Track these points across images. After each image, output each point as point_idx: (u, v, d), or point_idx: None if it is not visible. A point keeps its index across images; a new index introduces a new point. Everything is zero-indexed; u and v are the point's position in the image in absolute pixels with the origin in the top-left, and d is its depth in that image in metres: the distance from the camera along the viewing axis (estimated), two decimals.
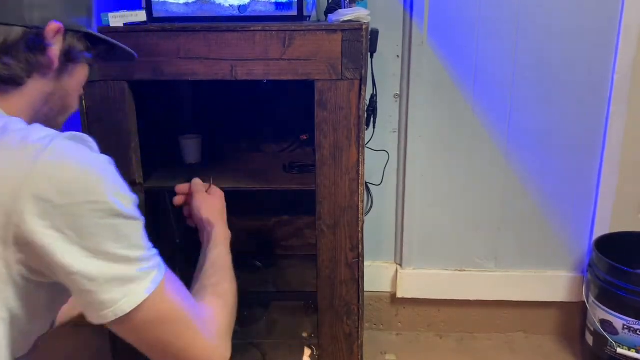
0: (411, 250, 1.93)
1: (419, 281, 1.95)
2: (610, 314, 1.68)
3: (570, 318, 1.95)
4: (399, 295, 1.97)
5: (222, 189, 1.22)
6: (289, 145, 1.72)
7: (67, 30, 0.83)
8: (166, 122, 1.66)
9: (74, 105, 0.91)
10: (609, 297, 1.68)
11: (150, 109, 1.45)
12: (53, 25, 0.81)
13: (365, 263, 1.44)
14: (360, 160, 1.29)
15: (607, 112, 1.74)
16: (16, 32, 0.78)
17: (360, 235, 1.34)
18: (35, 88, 0.83)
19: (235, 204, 1.86)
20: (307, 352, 1.67)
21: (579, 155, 1.79)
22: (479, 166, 1.83)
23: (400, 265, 1.96)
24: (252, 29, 1.21)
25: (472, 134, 1.80)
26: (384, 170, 1.84)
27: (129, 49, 0.94)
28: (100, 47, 0.90)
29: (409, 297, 1.97)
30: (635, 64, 1.69)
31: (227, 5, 1.32)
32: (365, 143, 1.38)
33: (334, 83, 1.24)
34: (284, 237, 1.88)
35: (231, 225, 1.18)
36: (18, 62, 0.79)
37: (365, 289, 1.44)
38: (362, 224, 1.34)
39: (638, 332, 1.64)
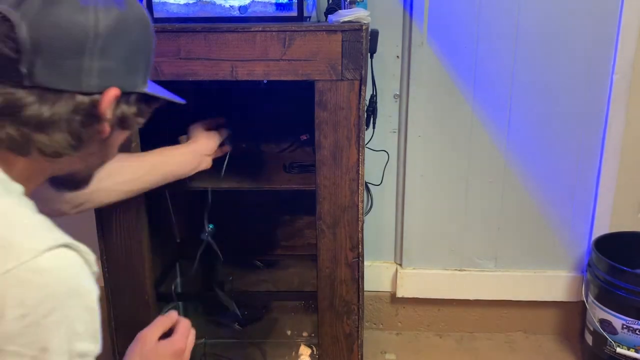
0: (411, 250, 1.93)
1: (419, 281, 1.95)
2: (610, 313, 1.68)
3: (569, 318, 1.95)
4: (399, 295, 1.97)
5: (222, 189, 1.23)
6: (289, 145, 1.72)
7: (124, 93, 0.74)
8: (166, 122, 1.66)
9: (113, 157, 0.83)
10: (609, 297, 1.69)
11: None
12: (110, 94, 0.72)
13: (365, 263, 1.45)
14: (360, 160, 1.29)
15: (607, 112, 1.74)
16: (69, 100, 0.70)
17: (360, 235, 1.35)
18: (76, 156, 0.74)
19: (236, 204, 1.87)
20: (307, 351, 1.67)
21: (579, 155, 1.79)
22: (478, 166, 1.83)
23: (400, 265, 1.96)
24: (252, 29, 1.21)
25: (472, 134, 1.80)
26: (384, 170, 1.85)
27: (179, 99, 0.86)
28: (152, 100, 0.81)
29: (409, 296, 1.97)
30: (635, 63, 1.69)
31: (227, 5, 1.32)
32: (365, 143, 1.38)
33: (334, 83, 1.24)
34: (284, 237, 1.88)
35: (231, 225, 1.18)
36: (67, 136, 0.70)
37: (365, 289, 1.45)
38: (362, 224, 1.34)
39: (637, 332, 1.64)
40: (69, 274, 0.65)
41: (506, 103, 1.76)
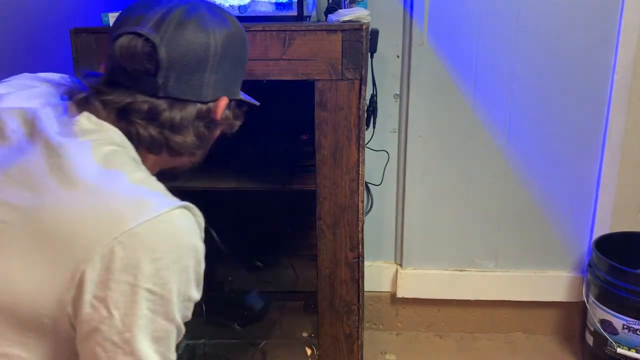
0: (411, 250, 1.93)
1: (419, 281, 1.95)
2: (610, 313, 1.68)
3: (570, 318, 1.95)
4: (399, 295, 1.97)
5: (222, 189, 1.23)
6: (288, 145, 1.72)
7: (230, 101, 0.89)
8: None
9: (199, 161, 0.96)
10: (609, 297, 1.68)
11: None
12: (223, 101, 0.87)
13: (365, 263, 1.45)
14: (360, 160, 1.29)
15: (607, 112, 1.74)
16: (193, 108, 0.84)
17: (360, 235, 1.34)
18: (185, 156, 0.89)
19: (236, 204, 1.87)
20: (307, 352, 1.67)
21: (579, 155, 1.79)
22: (479, 166, 1.83)
23: (400, 265, 1.96)
24: (252, 29, 1.21)
25: (472, 134, 1.80)
26: (384, 170, 1.84)
27: (255, 102, 0.99)
28: (243, 105, 0.95)
29: (409, 297, 1.97)
30: (636, 64, 1.69)
31: (227, 5, 1.32)
32: (365, 143, 1.38)
33: (334, 83, 1.24)
34: (284, 237, 1.88)
35: (232, 225, 1.18)
36: (194, 138, 0.85)
37: (365, 289, 1.44)
38: (362, 224, 1.34)
39: (638, 332, 1.64)
40: (190, 230, 0.76)
41: (506, 103, 1.76)
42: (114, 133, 0.80)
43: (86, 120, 0.80)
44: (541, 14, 1.67)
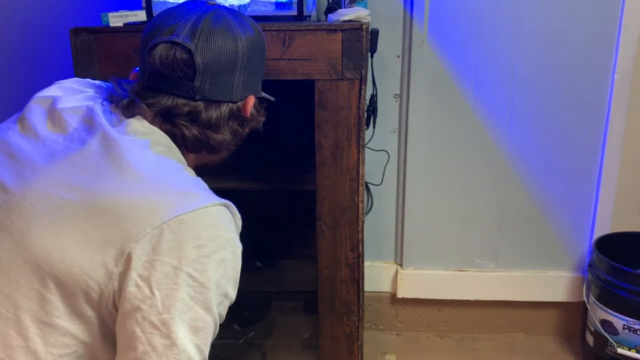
0: (411, 250, 1.93)
1: (419, 281, 1.95)
2: (611, 314, 1.68)
3: (570, 318, 1.95)
4: (399, 295, 1.97)
5: (222, 189, 1.22)
6: (289, 145, 1.72)
7: (255, 98, 0.96)
8: None
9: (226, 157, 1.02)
10: (610, 297, 1.68)
11: None
12: (250, 100, 0.94)
13: (365, 263, 1.44)
14: (360, 160, 1.29)
15: (608, 112, 1.74)
16: (225, 108, 0.91)
17: (360, 235, 1.34)
18: (220, 154, 0.97)
19: (236, 204, 1.87)
20: (308, 352, 1.67)
21: (579, 155, 1.79)
22: (479, 166, 1.83)
23: (401, 265, 1.96)
24: None
25: (472, 134, 1.80)
26: (384, 170, 1.84)
27: (272, 98, 1.04)
28: (263, 102, 1.01)
29: (409, 297, 1.97)
30: (636, 64, 1.68)
31: (227, 5, 1.32)
32: (365, 143, 1.38)
33: (334, 83, 1.24)
34: (284, 237, 1.87)
35: None
36: (230, 135, 0.92)
37: (365, 289, 1.44)
38: (362, 224, 1.34)
39: (638, 332, 1.64)
40: (230, 227, 0.81)
41: (506, 103, 1.76)
42: (162, 137, 0.88)
43: (138, 123, 0.86)
44: (541, 14, 1.67)
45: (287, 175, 1.51)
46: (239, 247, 0.81)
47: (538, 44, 1.70)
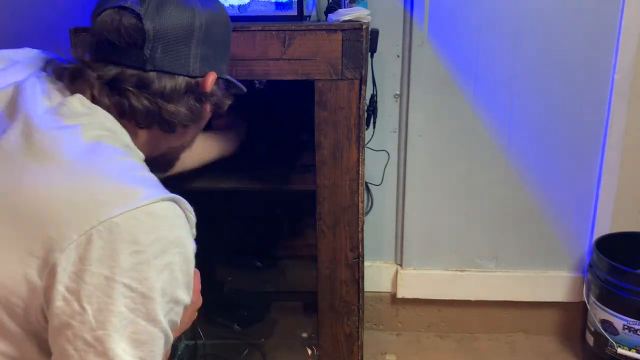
0: (411, 250, 1.93)
1: (419, 281, 1.95)
2: (611, 314, 1.68)
3: (570, 318, 1.95)
4: (399, 295, 1.97)
5: (222, 189, 1.23)
6: (288, 145, 1.72)
7: (218, 78, 0.89)
8: None
9: (191, 145, 0.97)
10: (610, 297, 1.68)
11: None
12: (211, 76, 0.87)
13: (366, 263, 1.44)
14: (360, 160, 1.28)
15: (608, 112, 1.74)
16: (181, 81, 0.84)
17: (360, 235, 1.34)
18: (183, 132, 0.89)
19: (236, 204, 1.87)
20: (307, 352, 1.67)
21: (579, 155, 1.79)
22: (479, 166, 1.82)
23: (401, 265, 1.96)
24: (252, 28, 1.21)
25: (472, 134, 1.79)
26: (384, 170, 1.84)
27: (243, 87, 0.99)
28: (231, 87, 0.96)
29: (409, 297, 1.97)
30: (636, 63, 1.68)
31: (227, 5, 1.32)
32: (365, 143, 1.38)
33: (334, 83, 1.23)
34: (284, 237, 1.87)
35: (232, 225, 1.18)
36: (185, 110, 0.85)
37: (365, 289, 1.44)
38: (362, 224, 1.34)
39: (638, 332, 1.64)
40: (176, 224, 0.72)
41: (506, 103, 1.76)
42: (104, 118, 0.79)
43: (78, 102, 0.78)
44: (541, 14, 1.67)
45: (287, 175, 1.51)
46: (189, 247, 0.73)
47: (538, 44, 1.70)
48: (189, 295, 0.74)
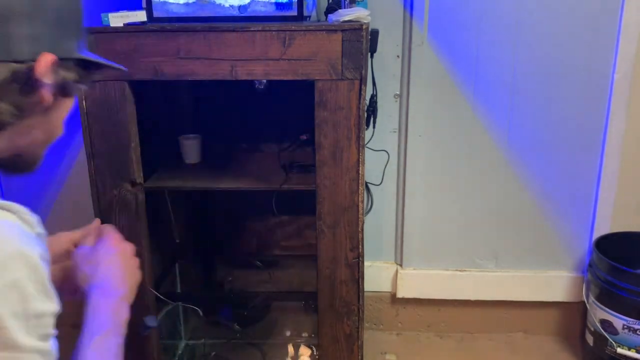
0: (411, 250, 1.93)
1: (419, 281, 1.95)
2: (611, 314, 1.68)
3: (570, 318, 1.95)
4: (399, 295, 1.97)
5: (222, 189, 1.22)
6: (289, 145, 1.72)
7: (60, 59, 0.73)
8: (166, 122, 1.66)
9: (59, 133, 0.81)
10: (609, 297, 1.68)
11: (150, 109, 1.45)
12: (45, 58, 0.71)
13: (365, 263, 1.44)
14: (360, 160, 1.29)
15: (607, 112, 1.74)
16: (4, 69, 0.68)
17: (360, 235, 1.34)
18: (20, 127, 0.73)
19: (236, 204, 1.87)
20: (307, 352, 1.67)
21: (579, 155, 1.79)
22: (479, 166, 1.83)
23: (401, 265, 1.96)
24: (252, 29, 1.21)
25: (472, 134, 1.80)
26: (384, 170, 1.84)
27: (119, 65, 0.87)
28: (92, 67, 0.80)
29: (409, 297, 1.97)
30: (636, 63, 1.68)
31: (227, 5, 1.32)
32: (365, 143, 1.38)
33: (334, 83, 1.24)
34: (284, 237, 1.88)
35: (232, 225, 1.18)
36: (8, 106, 0.69)
37: (365, 289, 1.44)
38: (362, 224, 1.34)
39: (638, 332, 1.64)
40: (11, 236, 0.63)
41: (506, 103, 1.76)
42: None
43: None
44: (541, 14, 1.67)
45: (286, 175, 1.51)
46: (32, 253, 0.64)
47: (538, 44, 1.70)
48: (51, 300, 0.66)
